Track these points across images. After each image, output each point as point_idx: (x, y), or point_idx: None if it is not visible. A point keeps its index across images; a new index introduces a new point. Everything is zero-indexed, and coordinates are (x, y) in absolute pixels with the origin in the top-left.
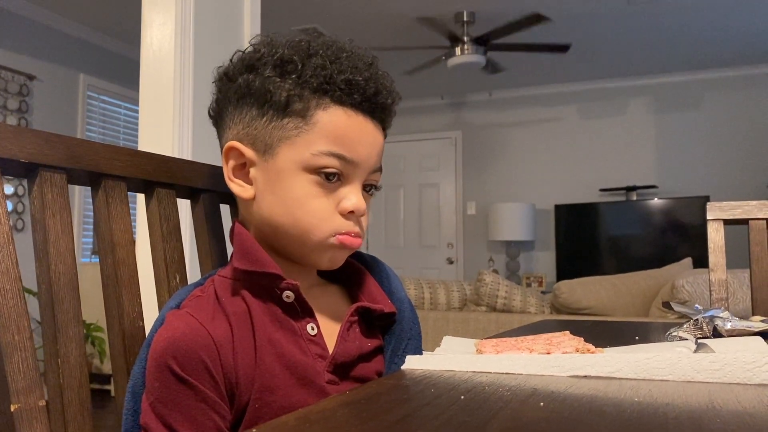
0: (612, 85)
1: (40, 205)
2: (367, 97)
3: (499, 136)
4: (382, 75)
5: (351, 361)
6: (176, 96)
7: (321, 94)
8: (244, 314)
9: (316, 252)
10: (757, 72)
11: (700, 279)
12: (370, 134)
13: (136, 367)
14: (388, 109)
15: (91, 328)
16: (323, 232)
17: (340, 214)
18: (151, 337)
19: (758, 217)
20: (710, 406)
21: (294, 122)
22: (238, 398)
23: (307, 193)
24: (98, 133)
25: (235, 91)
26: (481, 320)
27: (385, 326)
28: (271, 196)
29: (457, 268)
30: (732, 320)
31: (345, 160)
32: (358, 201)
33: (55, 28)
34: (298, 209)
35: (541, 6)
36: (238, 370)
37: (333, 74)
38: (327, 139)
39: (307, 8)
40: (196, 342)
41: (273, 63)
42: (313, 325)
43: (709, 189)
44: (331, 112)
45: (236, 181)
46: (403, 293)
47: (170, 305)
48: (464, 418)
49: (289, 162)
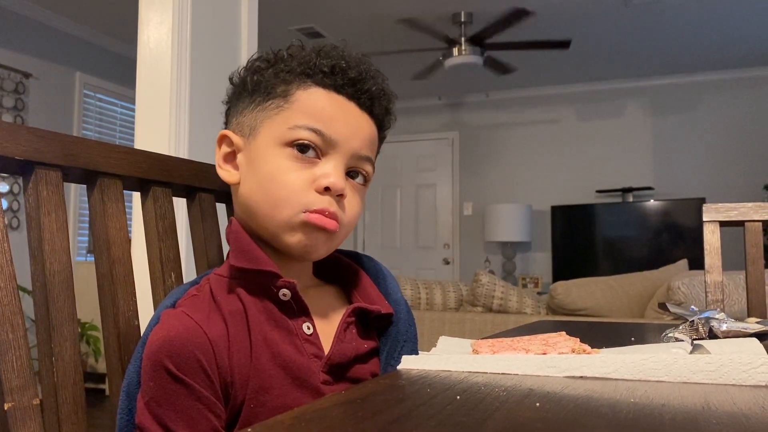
0: (609, 87)
1: (35, 202)
2: (350, 80)
3: (496, 137)
4: (374, 70)
5: (347, 362)
6: (173, 95)
7: (304, 77)
8: (240, 313)
9: (286, 231)
10: (753, 75)
11: (696, 280)
12: (352, 116)
13: (131, 366)
14: (376, 100)
15: (86, 327)
16: (293, 206)
17: (316, 190)
18: (146, 337)
19: (754, 219)
20: (706, 407)
21: (275, 102)
22: (233, 397)
23: (279, 167)
24: (94, 131)
25: (233, 90)
26: (477, 321)
27: (381, 327)
28: (250, 176)
29: (454, 269)
30: (727, 322)
31: (322, 135)
32: (336, 179)
33: (51, 26)
34: (270, 182)
35: (538, 7)
36: (234, 369)
37: (317, 61)
38: (304, 114)
39: (304, 8)
40: (191, 341)
41: (266, 59)
42: (309, 324)
43: (705, 191)
44: (311, 92)
45: (225, 167)
46: (399, 295)
47: (165, 304)
48: (460, 418)
49: (268, 139)
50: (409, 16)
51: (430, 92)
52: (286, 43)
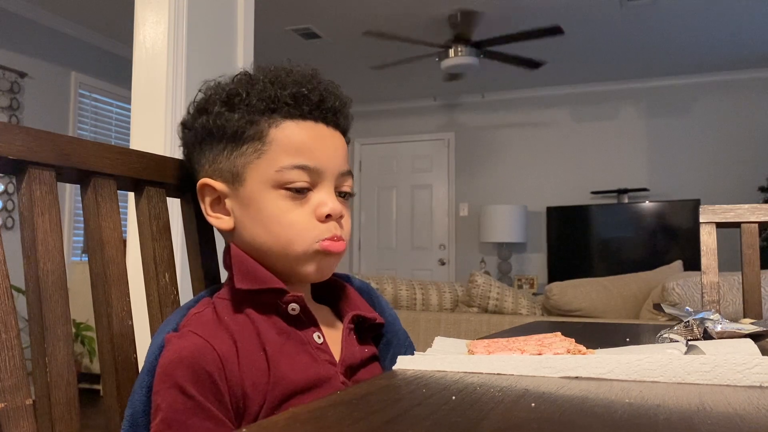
0: (604, 89)
1: (29, 202)
2: (314, 104)
3: (492, 138)
4: (326, 82)
5: (357, 365)
6: (168, 95)
7: (270, 114)
8: (250, 330)
9: (303, 263)
10: (747, 77)
11: (691, 282)
12: (327, 139)
13: (135, 395)
14: (339, 112)
15: (81, 328)
16: (305, 241)
17: (318, 220)
18: (150, 364)
19: (750, 220)
20: (701, 408)
21: (252, 146)
22: (248, 410)
23: (281, 209)
24: (89, 131)
25: (194, 136)
26: (472, 321)
27: (376, 337)
28: (250, 221)
29: (449, 270)
30: (722, 322)
31: (309, 170)
32: (333, 204)
33: (47, 25)
34: (276, 226)
35: (533, 8)
36: (246, 382)
37: (277, 93)
38: (287, 154)
39: (301, 8)
40: (203, 357)
41: (221, 100)
42: (318, 334)
43: (699, 192)
44: (283, 128)
45: (214, 214)
46: (393, 311)
47: (166, 329)
48: (455, 419)
49: (258, 184)
50: (406, 17)
51: (426, 93)
52: (283, 44)
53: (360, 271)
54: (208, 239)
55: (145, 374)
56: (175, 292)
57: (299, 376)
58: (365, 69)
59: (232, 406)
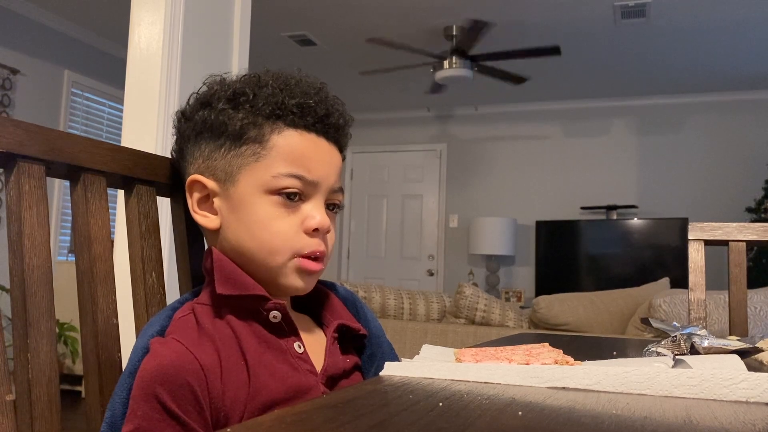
0: (596, 105)
1: (17, 196)
2: (319, 118)
3: (483, 151)
4: (333, 98)
5: (339, 375)
6: (161, 96)
7: (274, 120)
8: (231, 338)
9: (280, 276)
10: (738, 98)
11: (677, 299)
12: (326, 153)
13: (115, 397)
14: (341, 130)
15: (65, 328)
16: (284, 254)
17: (305, 233)
18: (132, 366)
19: (738, 238)
20: (687, 421)
21: (251, 148)
22: (230, 422)
23: (270, 215)
24: (81, 130)
25: (192, 128)
26: (459, 332)
27: (358, 348)
28: (237, 223)
29: (438, 280)
30: (709, 338)
31: (305, 181)
32: (321, 218)
33: (41, 22)
34: (263, 231)
35: (528, 24)
36: (226, 394)
37: (284, 100)
38: (285, 161)
39: (297, 15)
40: (185, 369)
41: (226, 97)
42: (299, 343)
43: (687, 211)
44: (285, 135)
45: (201, 212)
46: (378, 323)
47: (150, 333)
48: (442, 425)
49: (251, 187)
50: (401, 28)
51: (420, 104)
52: (278, 50)
53: (348, 279)
54: (197, 240)
55: (126, 376)
56: (162, 291)
57: (279, 385)
58: (360, 78)
59: (211, 419)
